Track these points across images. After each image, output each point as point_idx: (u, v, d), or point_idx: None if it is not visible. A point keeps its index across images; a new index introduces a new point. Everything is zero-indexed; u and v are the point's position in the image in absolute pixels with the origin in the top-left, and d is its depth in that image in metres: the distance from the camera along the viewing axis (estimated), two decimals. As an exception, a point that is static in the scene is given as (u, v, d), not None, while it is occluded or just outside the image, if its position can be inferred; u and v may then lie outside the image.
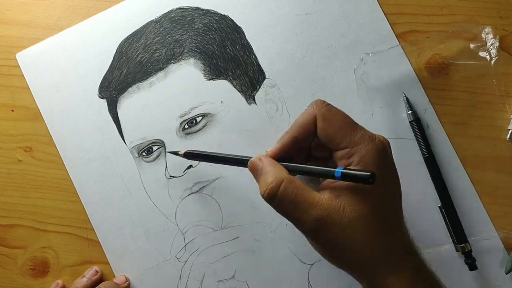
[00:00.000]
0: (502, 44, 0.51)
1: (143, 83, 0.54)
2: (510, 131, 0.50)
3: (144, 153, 0.54)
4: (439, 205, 0.49)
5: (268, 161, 0.39)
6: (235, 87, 0.53)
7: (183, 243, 0.53)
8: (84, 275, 0.53)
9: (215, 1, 0.54)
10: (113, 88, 0.55)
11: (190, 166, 0.53)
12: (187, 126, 0.53)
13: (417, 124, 0.50)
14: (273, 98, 0.53)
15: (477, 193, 0.49)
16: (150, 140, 0.54)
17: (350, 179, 0.35)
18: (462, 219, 0.49)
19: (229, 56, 0.54)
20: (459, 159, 0.50)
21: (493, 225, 0.49)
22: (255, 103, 0.53)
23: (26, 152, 0.56)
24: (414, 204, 0.50)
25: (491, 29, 0.50)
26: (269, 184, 0.37)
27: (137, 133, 0.54)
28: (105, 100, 0.55)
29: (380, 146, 0.37)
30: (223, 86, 0.53)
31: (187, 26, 0.54)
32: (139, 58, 0.54)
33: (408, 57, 0.52)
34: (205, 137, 0.53)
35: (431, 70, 0.51)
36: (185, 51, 0.54)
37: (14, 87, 0.57)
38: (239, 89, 0.53)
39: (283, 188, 0.36)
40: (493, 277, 0.48)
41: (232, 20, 0.54)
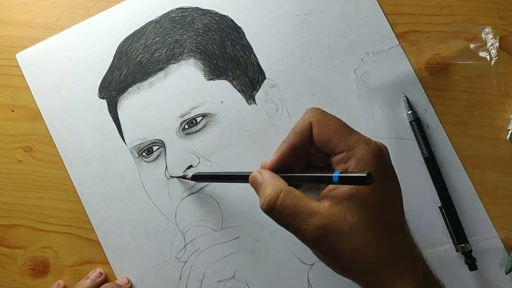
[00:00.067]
0: (502, 44, 0.51)
1: (143, 83, 0.54)
2: (510, 131, 0.50)
3: (144, 153, 0.54)
4: (439, 205, 0.49)
5: (268, 174, 0.39)
6: (235, 87, 0.53)
7: (183, 243, 0.52)
8: (88, 276, 0.53)
9: (215, 1, 0.54)
10: (113, 88, 0.55)
11: (190, 166, 0.53)
12: (187, 126, 0.53)
13: (417, 124, 0.50)
14: (273, 98, 0.53)
15: (477, 193, 0.49)
16: (150, 140, 0.54)
17: (348, 181, 0.35)
18: (462, 219, 0.49)
19: (229, 56, 0.54)
20: (459, 159, 0.50)
21: (493, 225, 0.49)
22: (255, 103, 0.53)
23: (26, 152, 0.56)
24: (414, 204, 0.50)
25: (491, 29, 0.50)
26: (267, 195, 0.37)
27: (137, 133, 0.54)
28: (105, 100, 0.55)
29: (376, 149, 0.37)
30: (223, 86, 0.53)
31: (187, 26, 0.54)
32: (139, 58, 0.54)
33: (408, 57, 0.52)
34: (205, 137, 0.53)
35: (431, 70, 0.51)
36: (185, 51, 0.54)
37: (14, 87, 0.57)
38: (239, 89, 0.53)
39: (282, 199, 0.36)
40: (493, 277, 0.48)
41: (232, 20, 0.54)
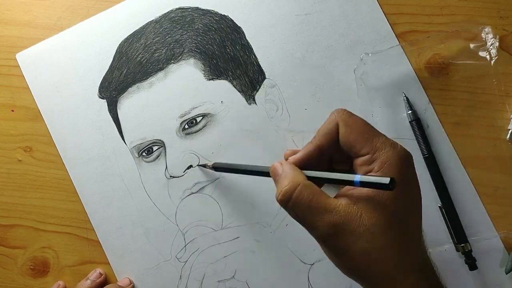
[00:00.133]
0: (502, 44, 0.51)
1: (143, 83, 0.54)
2: (510, 131, 0.50)
3: (144, 153, 0.54)
4: (439, 205, 0.49)
5: (288, 166, 0.38)
6: (235, 87, 0.53)
7: (183, 243, 0.52)
8: (88, 277, 0.53)
9: (215, 1, 0.54)
10: (113, 88, 0.55)
11: (190, 166, 0.53)
12: (187, 126, 0.53)
13: (417, 124, 0.50)
14: (273, 98, 0.53)
15: (477, 193, 0.49)
16: (150, 140, 0.54)
17: (369, 185, 0.34)
18: (462, 219, 0.49)
19: (229, 56, 0.54)
20: (459, 159, 0.50)
21: (493, 225, 0.49)
22: (255, 103, 0.53)
23: (26, 152, 0.56)
24: (414, 204, 0.50)
25: (491, 29, 0.50)
26: (284, 187, 0.36)
27: (137, 133, 0.54)
28: (105, 100, 0.55)
29: (402, 153, 0.36)
30: (223, 86, 0.53)
31: (187, 26, 0.54)
32: (139, 58, 0.54)
33: (408, 57, 0.52)
34: (205, 137, 0.53)
35: (431, 70, 0.51)
36: (185, 51, 0.54)
37: (14, 87, 0.57)
38: (239, 89, 0.53)
39: (298, 192, 0.35)
40: (493, 277, 0.48)
41: (232, 20, 0.54)
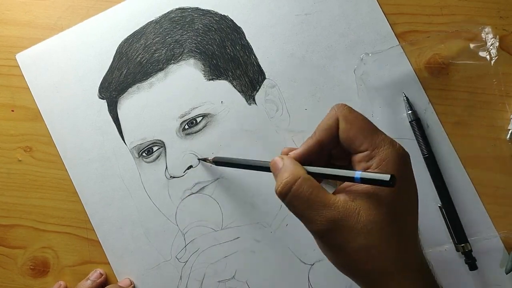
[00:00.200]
0: (502, 44, 0.51)
1: (143, 83, 0.54)
2: (510, 131, 0.50)
3: (144, 154, 0.54)
4: (439, 205, 0.49)
5: (289, 160, 0.38)
6: (235, 88, 0.53)
7: (184, 243, 0.52)
8: (89, 277, 0.53)
9: (215, 1, 0.54)
10: (113, 88, 0.55)
11: (190, 167, 0.53)
12: (187, 127, 0.53)
13: (417, 124, 0.50)
14: (273, 98, 0.53)
15: (477, 193, 0.49)
16: (150, 140, 0.54)
17: (370, 181, 0.34)
18: (462, 219, 0.49)
19: (229, 57, 0.54)
20: (459, 159, 0.50)
21: (493, 225, 0.49)
22: (255, 103, 0.53)
23: (26, 152, 0.56)
24: (414, 204, 0.50)
25: (491, 29, 0.50)
26: (283, 179, 0.36)
27: (137, 134, 0.54)
28: (105, 100, 0.55)
29: (401, 151, 0.36)
30: (223, 87, 0.53)
31: (187, 27, 0.54)
32: (139, 59, 0.54)
33: (408, 57, 0.52)
34: (205, 137, 0.53)
35: (431, 70, 0.51)
36: (185, 51, 0.54)
37: (14, 87, 0.57)
38: (239, 89, 0.53)
39: (298, 185, 0.36)
40: (493, 277, 0.48)
41: (232, 21, 0.54)
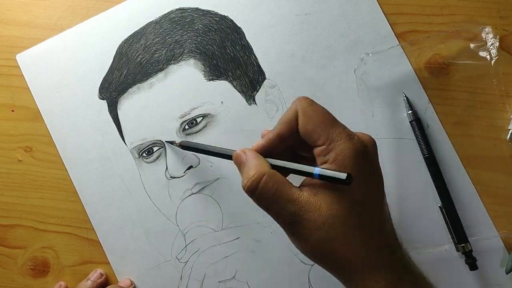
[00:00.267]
0: (502, 44, 0.51)
1: (143, 84, 0.54)
2: (510, 131, 0.50)
3: (144, 154, 0.54)
4: (439, 205, 0.49)
5: (252, 154, 0.39)
6: (235, 88, 0.53)
7: (184, 243, 0.53)
8: (89, 278, 0.53)
9: (215, 1, 0.54)
10: (113, 89, 0.55)
11: (190, 167, 0.53)
12: (187, 127, 0.53)
13: (417, 124, 0.50)
14: (273, 98, 0.53)
15: (477, 193, 0.49)
16: (151, 141, 0.54)
17: (327, 179, 0.35)
18: (462, 219, 0.49)
19: (229, 57, 0.54)
20: (459, 159, 0.50)
21: (494, 225, 0.49)
22: (255, 103, 0.53)
23: (26, 152, 0.56)
24: (414, 204, 0.50)
25: (491, 29, 0.50)
26: (250, 177, 0.37)
27: (137, 134, 0.54)
28: (105, 101, 0.55)
29: (358, 144, 0.36)
30: (223, 87, 0.53)
31: (187, 27, 0.54)
32: (139, 59, 0.54)
33: (408, 57, 0.52)
34: (205, 137, 0.53)
35: (431, 70, 0.51)
36: (185, 51, 0.54)
37: (14, 87, 0.57)
38: (239, 89, 0.53)
39: (264, 182, 0.36)
40: (493, 277, 0.48)
41: (232, 21, 0.54)
